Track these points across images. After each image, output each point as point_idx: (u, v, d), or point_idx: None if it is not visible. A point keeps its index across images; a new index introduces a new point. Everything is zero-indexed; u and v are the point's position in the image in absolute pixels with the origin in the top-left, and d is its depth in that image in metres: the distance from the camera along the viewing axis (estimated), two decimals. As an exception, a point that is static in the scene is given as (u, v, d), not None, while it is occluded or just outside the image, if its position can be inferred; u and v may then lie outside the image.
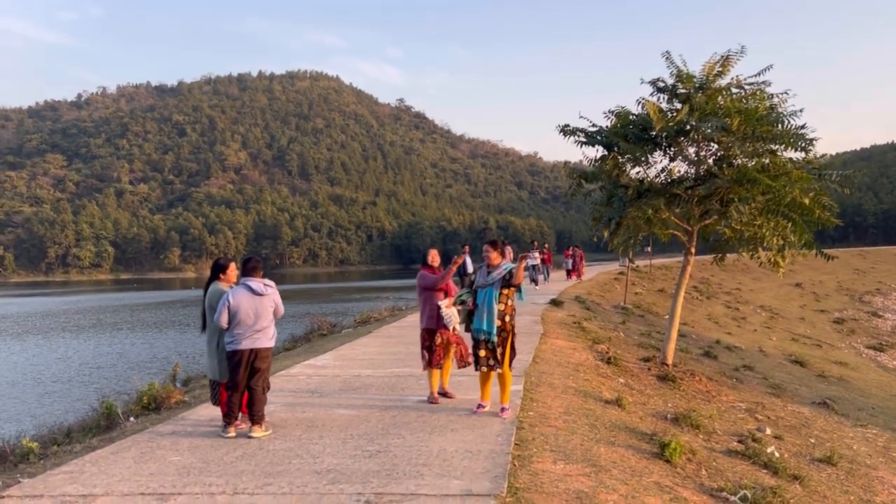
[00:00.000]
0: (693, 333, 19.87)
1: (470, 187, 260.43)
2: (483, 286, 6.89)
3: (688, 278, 11.59)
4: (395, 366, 10.00)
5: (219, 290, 6.72)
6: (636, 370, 10.85)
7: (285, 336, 22.10)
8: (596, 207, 11.41)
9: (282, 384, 8.92)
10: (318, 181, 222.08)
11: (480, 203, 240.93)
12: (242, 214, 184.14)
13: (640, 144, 10.30)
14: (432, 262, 7.70)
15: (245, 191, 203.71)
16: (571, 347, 11.78)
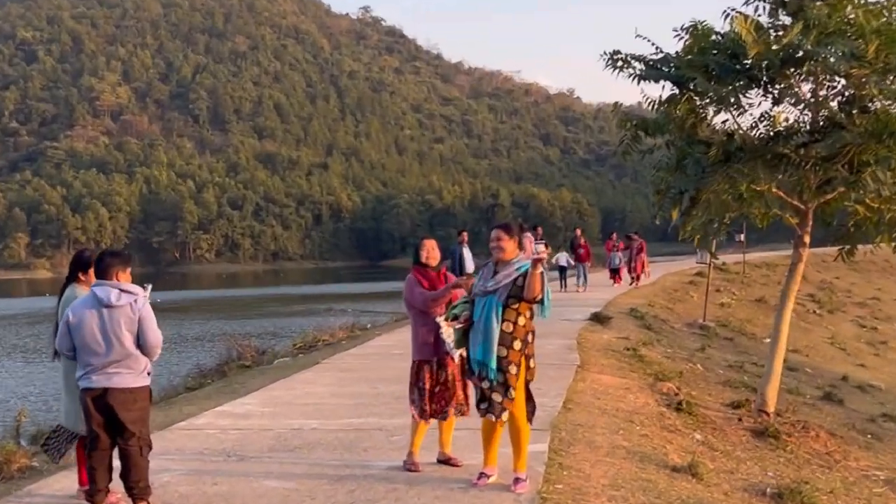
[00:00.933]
0: (808, 366, 19.94)
1: (471, 142, 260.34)
2: (482, 294, 6.87)
3: (799, 282, 11.62)
4: (353, 414, 10.01)
5: (75, 296, 6.70)
6: (720, 421, 10.88)
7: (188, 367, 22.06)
8: (660, 174, 11.42)
9: (183, 442, 8.90)
10: (238, 133, 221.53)
11: (487, 167, 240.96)
12: (123, 183, 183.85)
13: (727, 79, 10.31)
14: (428, 259, 7.67)
15: (127, 147, 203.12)
16: (623, 387, 11.81)
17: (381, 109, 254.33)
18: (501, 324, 6.73)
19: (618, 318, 20.28)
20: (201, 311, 54.71)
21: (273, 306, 56.57)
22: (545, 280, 6.74)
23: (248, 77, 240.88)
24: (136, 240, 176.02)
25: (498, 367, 6.72)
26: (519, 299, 6.74)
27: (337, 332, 20.10)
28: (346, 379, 12.64)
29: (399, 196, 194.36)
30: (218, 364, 18.08)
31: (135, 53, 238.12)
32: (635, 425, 9.58)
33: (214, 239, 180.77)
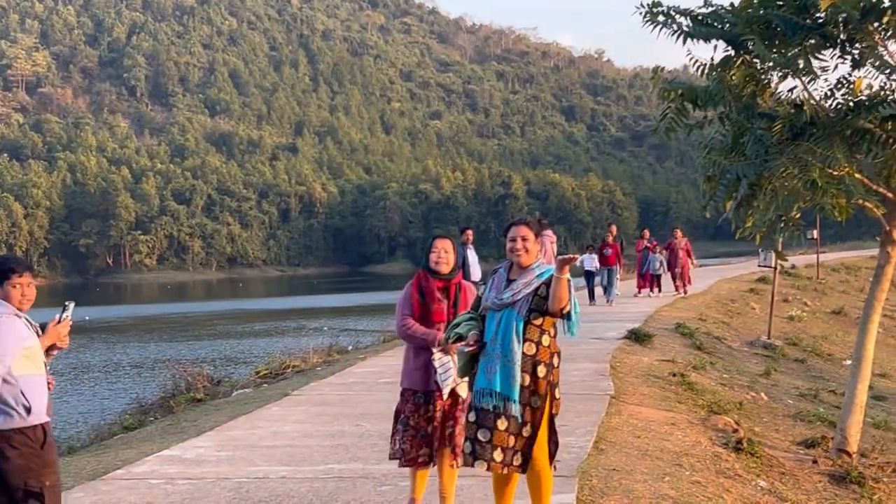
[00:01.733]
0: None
1: (476, 118, 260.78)
2: (496, 308, 6.82)
3: (887, 289, 11.61)
4: (333, 459, 10.02)
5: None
6: (791, 464, 10.89)
7: (125, 402, 22.09)
8: (712, 156, 11.41)
9: (120, 495, 8.90)
10: (185, 108, 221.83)
11: (496, 148, 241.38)
12: (42, 172, 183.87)
13: (795, 38, 10.32)
14: (438, 264, 7.64)
15: (47, 127, 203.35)
16: (669, 421, 11.82)
17: (362, 78, 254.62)
18: (523, 344, 6.62)
19: (661, 336, 20.29)
20: (141, 330, 54.79)
21: (230, 325, 56.65)
22: (572, 289, 6.69)
23: (196, 39, 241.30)
24: (59, 242, 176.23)
25: (520, 400, 6.60)
26: (542, 313, 6.62)
27: (311, 356, 20.12)
28: (322, 415, 12.64)
29: (386, 185, 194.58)
30: (162, 397, 18.13)
31: (55, 10, 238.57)
32: (684, 470, 9.58)
33: (156, 241, 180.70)
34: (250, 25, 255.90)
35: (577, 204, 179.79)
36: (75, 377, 33.07)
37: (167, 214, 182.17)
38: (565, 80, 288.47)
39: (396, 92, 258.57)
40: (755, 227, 11.35)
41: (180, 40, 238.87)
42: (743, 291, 34.19)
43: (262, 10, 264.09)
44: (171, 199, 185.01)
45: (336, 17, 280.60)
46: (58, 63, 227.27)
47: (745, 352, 21.71)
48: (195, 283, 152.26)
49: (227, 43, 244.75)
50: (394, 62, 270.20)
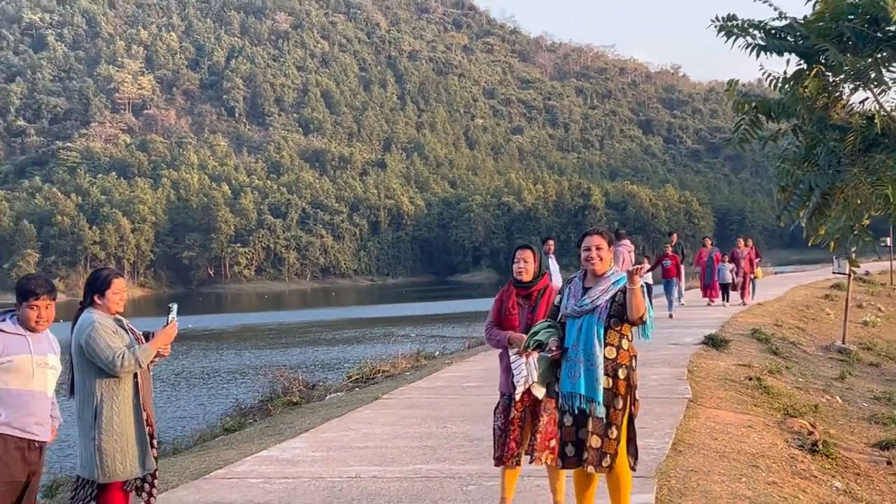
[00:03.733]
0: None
1: (556, 132, 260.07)
2: (576, 315, 6.81)
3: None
4: (421, 459, 10.05)
5: (92, 320, 6.82)
6: (866, 466, 10.74)
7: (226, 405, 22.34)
8: (785, 166, 11.31)
9: (221, 493, 9.02)
10: (281, 127, 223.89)
11: (575, 161, 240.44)
12: (148, 189, 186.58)
13: (866, 50, 10.20)
14: (520, 272, 7.70)
15: (152, 146, 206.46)
16: (745, 424, 11.71)
17: (447, 96, 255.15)
18: (605, 348, 6.67)
19: (737, 342, 20.10)
20: (240, 338, 55.41)
21: (324, 332, 57.05)
22: (646, 296, 6.69)
23: (290, 61, 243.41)
24: (164, 255, 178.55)
25: (605, 402, 6.65)
26: (621, 320, 6.68)
27: (399, 361, 20.23)
28: (410, 417, 12.69)
29: (470, 198, 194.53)
30: (261, 401, 18.33)
31: (159, 37, 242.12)
32: (761, 471, 9.48)
33: (254, 253, 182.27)
34: (341, 48, 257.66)
35: (654, 214, 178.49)
36: (179, 383, 33.54)
37: (264, 228, 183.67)
38: (642, 94, 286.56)
39: (480, 109, 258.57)
40: (828, 236, 11.24)
41: (276, 63, 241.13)
42: (818, 298, 33.76)
43: (352, 34, 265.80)
44: (267, 214, 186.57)
45: (422, 39, 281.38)
46: (162, 86, 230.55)
47: (820, 356, 21.45)
48: (291, 293, 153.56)
49: (320, 65, 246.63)
50: (477, 80, 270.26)
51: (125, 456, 6.87)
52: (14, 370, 6.23)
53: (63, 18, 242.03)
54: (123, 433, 6.84)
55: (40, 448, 6.44)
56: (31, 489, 6.45)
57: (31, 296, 6.43)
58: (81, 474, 6.96)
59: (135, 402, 6.93)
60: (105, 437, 6.81)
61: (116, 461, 6.84)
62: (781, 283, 41.54)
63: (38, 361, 6.35)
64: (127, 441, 6.86)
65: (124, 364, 6.71)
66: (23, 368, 6.26)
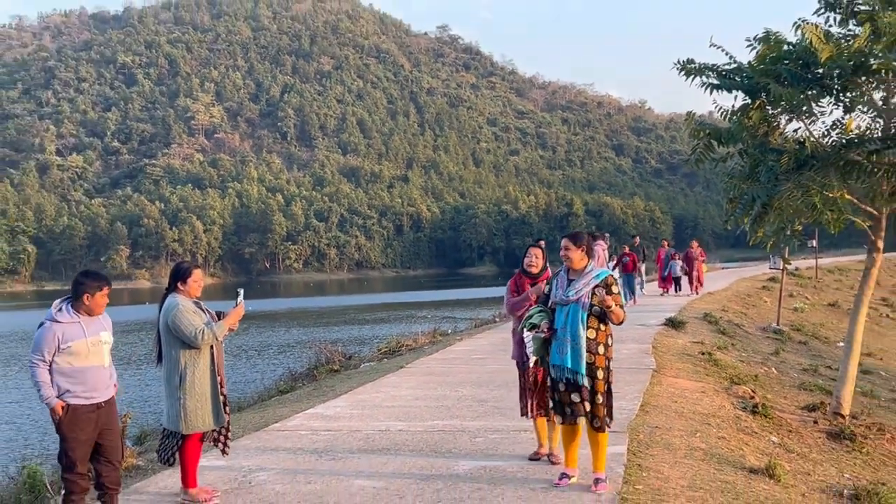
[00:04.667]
0: (882, 369, 19.52)
1: (545, 154, 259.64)
2: (563, 303, 6.87)
3: (873, 287, 11.39)
4: (437, 416, 10.07)
5: (176, 303, 6.89)
6: (796, 424, 10.72)
7: (280, 372, 22.41)
8: (733, 182, 11.33)
9: (277, 442, 9.06)
10: (324, 148, 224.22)
11: (561, 177, 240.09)
12: (217, 197, 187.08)
13: (799, 88, 10.18)
14: (531, 265, 7.99)
15: (221, 163, 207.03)
16: (699, 390, 11.70)
17: (458, 124, 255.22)
18: (586, 331, 6.77)
19: (692, 323, 20.09)
20: (290, 318, 55.47)
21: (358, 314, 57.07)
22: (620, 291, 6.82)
23: (332, 95, 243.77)
24: (229, 251, 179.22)
25: (587, 373, 6.75)
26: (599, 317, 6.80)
27: (420, 337, 20.25)
28: (429, 383, 12.71)
29: (476, 206, 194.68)
30: (308, 369, 18.37)
31: (227, 75, 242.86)
32: (712, 428, 9.48)
33: (302, 249, 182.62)
34: (373, 85, 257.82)
35: (624, 220, 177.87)
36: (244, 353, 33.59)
37: (310, 229, 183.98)
38: (615, 123, 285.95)
39: (484, 134, 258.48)
40: (766, 238, 11.27)
41: (320, 97, 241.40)
42: (757, 288, 33.67)
43: (381, 74, 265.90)
44: (313, 218, 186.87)
45: (438, 78, 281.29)
46: (228, 115, 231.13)
47: (759, 336, 21.41)
48: (331, 282, 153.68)
49: (356, 98, 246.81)
50: (482, 112, 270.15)
51: (205, 412, 6.96)
52: (74, 353, 6.25)
53: (149, 60, 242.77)
54: (203, 394, 6.93)
55: (107, 406, 6.45)
56: (112, 434, 6.48)
57: (104, 284, 6.48)
58: (168, 427, 7.02)
59: (211, 368, 7.00)
60: (188, 396, 6.90)
61: (198, 416, 6.93)
62: (728, 277, 41.46)
63: (93, 341, 6.34)
64: (206, 400, 6.94)
65: (204, 338, 6.81)
66: (80, 351, 6.27)
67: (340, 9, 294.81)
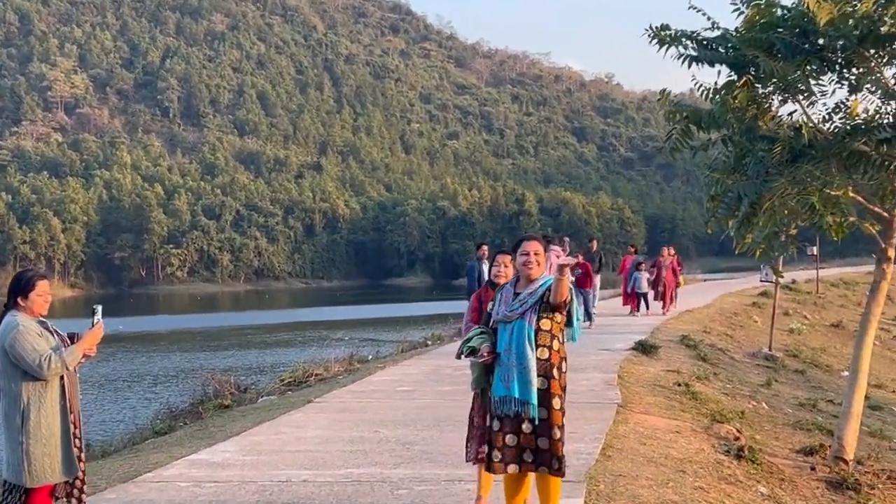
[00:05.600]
0: (894, 404, 19.89)
1: (491, 138, 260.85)
2: (507, 320, 6.83)
3: (883, 304, 11.59)
4: (352, 463, 10.03)
5: (16, 323, 6.77)
6: (790, 471, 10.87)
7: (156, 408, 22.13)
8: (715, 176, 11.43)
9: (151, 496, 8.94)
10: (216, 128, 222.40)
11: (510, 167, 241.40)
12: (80, 188, 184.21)
13: (795, 61, 10.32)
14: (497, 277, 7.98)
15: (85, 146, 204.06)
16: (673, 429, 11.82)
17: (384, 100, 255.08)
18: (536, 350, 6.68)
19: (667, 348, 20.28)
20: (172, 340, 54.93)
21: (257, 335, 56.74)
22: (573, 295, 6.80)
23: (226, 63, 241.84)
24: (95, 255, 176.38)
25: (539, 403, 6.64)
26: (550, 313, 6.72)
27: (332, 365, 20.16)
28: (342, 421, 12.65)
29: (406, 202, 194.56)
30: (191, 404, 18.17)
31: (93, 35, 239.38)
32: (688, 476, 9.57)
33: (187, 254, 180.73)
34: (278, 50, 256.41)
35: (587, 221, 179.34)
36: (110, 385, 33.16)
37: (198, 229, 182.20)
38: (577, 102, 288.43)
39: (416, 113, 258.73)
40: (754, 244, 11.38)
41: (211, 64, 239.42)
42: (746, 305, 34.15)
43: (289, 36, 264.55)
44: (201, 215, 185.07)
45: (359, 43, 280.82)
46: (95, 85, 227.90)
47: (748, 363, 21.70)
48: (224, 295, 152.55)
49: (256, 66, 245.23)
50: (413, 85, 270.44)
51: (53, 460, 6.83)
52: None
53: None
54: (51, 437, 6.80)
55: None
56: None
57: None
58: (8, 479, 6.89)
59: (62, 404, 6.88)
60: (33, 441, 6.76)
61: (45, 465, 6.79)
62: (711, 291, 41.99)
63: None
64: (55, 445, 6.82)
65: (51, 367, 6.66)
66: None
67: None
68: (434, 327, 29.73)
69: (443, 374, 16.99)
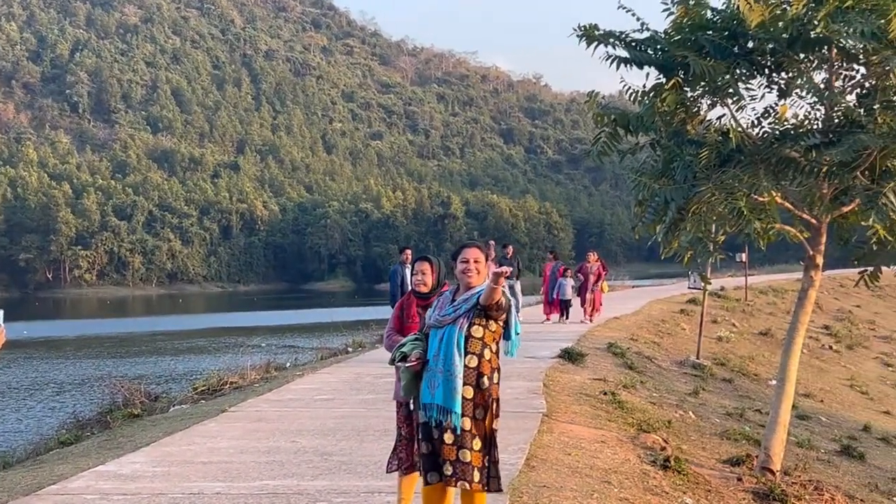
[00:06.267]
0: (822, 413, 20.20)
1: (416, 139, 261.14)
2: (439, 325, 6.84)
3: (811, 311, 11.77)
4: (268, 475, 9.98)
5: None
6: (716, 482, 11.00)
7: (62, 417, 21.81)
8: (643, 180, 11.52)
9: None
10: (128, 125, 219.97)
11: (435, 169, 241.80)
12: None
13: (724, 63, 10.44)
14: (417, 285, 8.01)
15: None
16: (599, 439, 11.91)
17: (304, 98, 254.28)
18: (465, 357, 6.68)
19: (593, 356, 20.39)
20: (79, 347, 54.14)
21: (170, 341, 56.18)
22: (511, 304, 6.81)
23: (139, 56, 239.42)
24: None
25: (463, 413, 6.64)
26: (484, 320, 6.71)
27: (248, 372, 20.00)
28: (258, 431, 12.58)
29: (327, 204, 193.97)
30: (99, 413, 17.95)
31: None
32: (613, 487, 9.64)
33: (96, 256, 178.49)
34: (193, 44, 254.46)
35: (514, 224, 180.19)
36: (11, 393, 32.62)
37: (108, 230, 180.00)
38: (504, 103, 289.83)
39: (338, 112, 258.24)
40: (681, 249, 11.46)
41: (123, 58, 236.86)
42: (674, 312, 34.44)
43: (205, 30, 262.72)
44: (111, 215, 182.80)
45: (279, 38, 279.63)
46: (0, 79, 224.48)
47: (675, 371, 21.90)
48: (135, 299, 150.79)
49: (171, 61, 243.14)
50: (336, 83, 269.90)
51: None
52: None
53: None
54: None
55: None
56: None
57: None
58: None
59: None
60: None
61: None
62: (638, 297, 42.35)
63: None
64: None
65: None
66: None
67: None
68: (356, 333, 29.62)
69: (364, 382, 16.97)
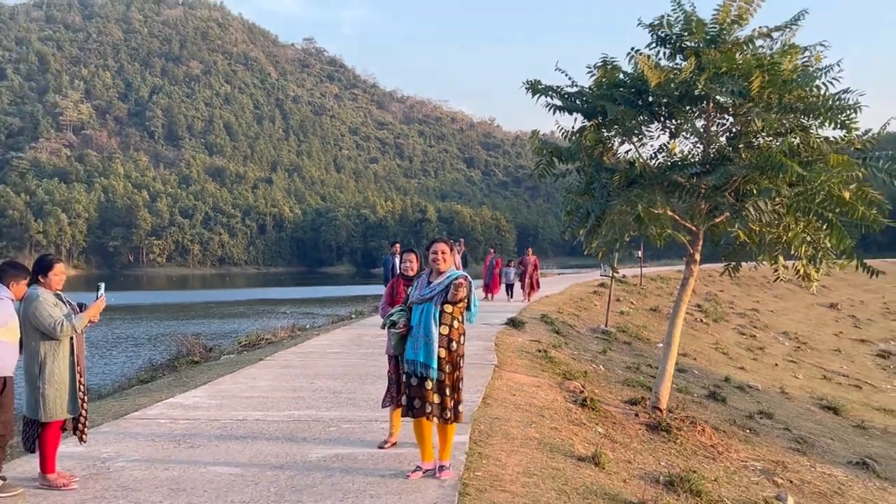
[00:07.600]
0: (696, 368, 20.30)
1: (403, 163, 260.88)
2: (419, 302, 6.89)
3: (690, 294, 11.83)
4: (294, 407, 9.92)
5: (37, 295, 6.69)
6: (620, 416, 11.02)
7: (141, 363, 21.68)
8: (571, 196, 11.53)
9: (136, 430, 8.74)
10: (191, 148, 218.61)
11: (417, 185, 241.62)
12: (83, 192, 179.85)
13: (631, 112, 10.46)
14: (408, 269, 8.10)
15: (88, 159, 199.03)
16: (535, 384, 11.90)
17: (321, 131, 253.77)
18: (439, 327, 6.78)
19: (531, 324, 20.43)
20: (153, 311, 53.71)
21: (219, 308, 55.79)
22: (471, 288, 6.90)
23: (200, 98, 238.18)
24: (94, 244, 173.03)
25: (439, 367, 6.76)
26: (451, 304, 6.82)
27: (279, 332, 19.93)
28: (286, 375, 12.51)
29: (336, 209, 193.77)
30: (169, 360, 17.85)
31: (97, 74, 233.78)
32: (546, 419, 9.65)
33: (166, 244, 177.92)
34: (240, 90, 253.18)
35: (473, 227, 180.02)
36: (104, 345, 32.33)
37: (175, 226, 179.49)
38: (467, 138, 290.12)
39: (346, 142, 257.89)
40: (598, 248, 11.47)
41: (188, 99, 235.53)
42: (589, 293, 34.52)
43: (249, 80, 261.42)
44: (178, 215, 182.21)
45: (303, 87, 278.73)
46: (97, 113, 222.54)
47: (590, 336, 21.94)
48: (194, 277, 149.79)
49: (223, 102, 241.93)
50: (344, 121, 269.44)
51: (63, 401, 6.76)
52: None
53: (20, 56, 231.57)
54: (62, 383, 6.73)
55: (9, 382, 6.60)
56: None
57: None
58: (28, 415, 6.79)
59: (71, 359, 6.80)
60: (48, 385, 6.70)
61: (56, 405, 6.72)
62: (563, 282, 42.43)
63: None
64: (65, 389, 6.74)
65: (63, 330, 6.62)
66: None
67: (210, 16, 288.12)
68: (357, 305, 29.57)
69: (364, 340, 16.91)
